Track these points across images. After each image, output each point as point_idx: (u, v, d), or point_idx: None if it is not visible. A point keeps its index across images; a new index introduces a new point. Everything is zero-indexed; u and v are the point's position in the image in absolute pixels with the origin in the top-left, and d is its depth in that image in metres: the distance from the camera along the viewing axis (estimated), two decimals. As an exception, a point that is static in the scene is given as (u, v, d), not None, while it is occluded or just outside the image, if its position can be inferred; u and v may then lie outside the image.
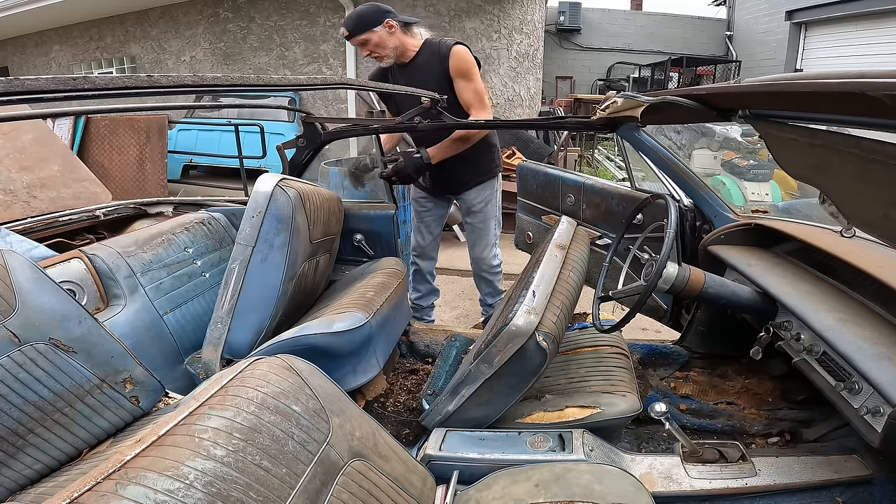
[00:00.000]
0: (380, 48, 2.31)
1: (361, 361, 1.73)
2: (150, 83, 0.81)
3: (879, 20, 8.44)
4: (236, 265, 1.68)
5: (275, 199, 1.68)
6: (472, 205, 2.64)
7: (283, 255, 1.68)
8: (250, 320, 1.69)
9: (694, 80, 11.49)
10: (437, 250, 2.89)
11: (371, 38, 2.28)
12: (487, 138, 2.54)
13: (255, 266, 1.67)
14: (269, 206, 1.67)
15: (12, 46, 9.98)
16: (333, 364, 1.62)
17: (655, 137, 2.04)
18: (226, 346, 1.66)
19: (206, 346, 1.67)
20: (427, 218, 2.76)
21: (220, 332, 1.66)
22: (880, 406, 1.10)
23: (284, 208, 1.68)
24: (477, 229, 2.69)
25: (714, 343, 2.05)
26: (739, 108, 1.48)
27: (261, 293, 1.69)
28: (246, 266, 1.67)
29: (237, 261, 1.68)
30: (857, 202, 1.25)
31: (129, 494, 0.65)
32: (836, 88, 0.89)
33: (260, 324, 1.70)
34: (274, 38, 7.53)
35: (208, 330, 1.69)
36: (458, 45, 2.31)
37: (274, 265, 1.69)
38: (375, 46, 2.30)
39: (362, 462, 0.94)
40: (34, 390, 1.07)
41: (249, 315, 1.68)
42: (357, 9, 2.35)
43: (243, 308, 1.67)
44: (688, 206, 2.02)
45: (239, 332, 1.67)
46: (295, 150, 2.31)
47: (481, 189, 2.62)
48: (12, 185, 3.55)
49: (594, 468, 1.14)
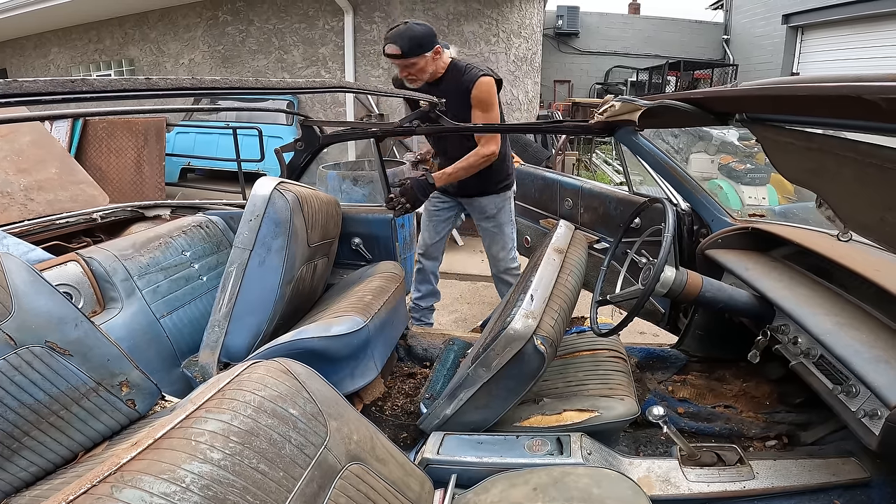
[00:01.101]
0: (421, 73, 2.27)
1: (359, 365, 1.72)
2: (148, 86, 0.81)
3: (876, 24, 8.50)
4: (234, 268, 1.67)
5: (273, 203, 1.67)
6: (485, 210, 2.62)
7: (280, 258, 1.68)
8: (248, 324, 1.68)
9: (691, 83, 11.55)
10: (443, 252, 2.88)
11: (419, 62, 2.23)
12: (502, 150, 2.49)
13: (252, 269, 1.67)
14: (267, 210, 1.67)
15: (11, 48, 9.97)
16: (331, 368, 1.61)
17: (653, 141, 2.04)
18: (223, 349, 1.65)
19: (203, 349, 1.67)
20: (436, 217, 2.74)
21: (218, 336, 1.65)
22: (877, 409, 1.10)
23: (282, 212, 1.68)
24: (492, 233, 2.68)
25: (712, 346, 2.05)
26: (736, 111, 1.49)
27: (258, 297, 1.69)
28: (244, 269, 1.67)
29: (234, 264, 1.67)
30: (853, 206, 1.26)
31: (124, 497, 0.64)
32: (833, 92, 0.89)
33: (257, 327, 1.69)
34: (273, 42, 7.54)
35: (205, 333, 1.68)
36: (485, 76, 2.29)
37: (272, 269, 1.68)
38: (418, 71, 2.26)
39: (360, 466, 0.94)
40: (30, 393, 1.07)
41: (247, 318, 1.68)
42: (411, 28, 2.20)
43: (241, 311, 1.67)
44: (685, 210, 2.03)
45: (236, 335, 1.67)
46: (293, 154, 2.31)
47: (494, 197, 2.60)
48: (9, 188, 3.54)
49: (592, 472, 1.14)
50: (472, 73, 2.30)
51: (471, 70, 2.31)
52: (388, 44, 2.19)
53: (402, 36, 2.17)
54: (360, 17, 7.02)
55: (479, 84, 2.27)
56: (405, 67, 2.25)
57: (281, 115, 6.75)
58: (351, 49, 7.08)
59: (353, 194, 3.63)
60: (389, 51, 2.20)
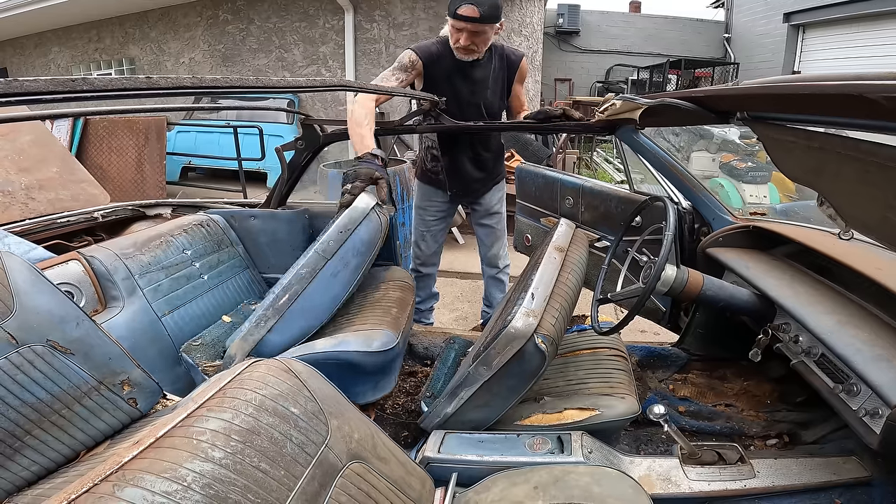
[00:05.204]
0: (483, 44, 2.17)
1: (383, 378, 1.74)
2: (148, 84, 0.81)
3: (877, 22, 8.48)
4: (305, 271, 1.62)
5: (368, 221, 1.66)
6: (491, 207, 2.64)
7: (355, 276, 1.68)
8: (296, 326, 1.65)
9: (692, 82, 11.53)
10: (440, 256, 2.89)
11: (488, 31, 2.13)
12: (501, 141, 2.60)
13: (323, 278, 1.63)
14: (360, 227, 1.64)
15: (11, 47, 9.97)
16: (360, 378, 1.62)
17: (654, 140, 2.04)
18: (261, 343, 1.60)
19: (236, 338, 1.61)
20: (435, 227, 2.71)
21: (261, 330, 1.60)
22: (879, 408, 1.10)
23: (374, 233, 1.67)
24: (496, 230, 2.69)
25: (713, 345, 2.05)
26: (737, 110, 1.49)
27: (318, 305, 1.66)
28: (314, 275, 1.63)
29: (308, 267, 1.62)
30: (855, 204, 1.26)
31: (126, 496, 0.64)
32: (834, 90, 0.89)
33: (302, 332, 1.67)
34: (273, 40, 7.53)
35: (247, 322, 1.62)
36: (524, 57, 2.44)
37: (342, 283, 1.67)
38: (483, 41, 2.16)
39: (361, 464, 0.94)
40: (31, 392, 1.07)
41: (298, 321, 1.64)
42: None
43: (294, 313, 1.63)
44: (686, 209, 2.03)
45: (280, 333, 1.62)
46: (294, 152, 2.31)
47: (497, 190, 2.64)
48: (10, 187, 3.55)
49: (593, 470, 1.14)
50: (515, 53, 2.41)
51: (512, 50, 2.42)
52: (466, 4, 2.02)
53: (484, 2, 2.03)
54: (360, 15, 7.02)
55: (524, 65, 2.42)
56: (474, 34, 2.10)
57: (281, 114, 6.75)
58: (351, 48, 7.08)
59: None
60: (465, 12, 2.03)
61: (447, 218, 2.73)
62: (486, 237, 2.73)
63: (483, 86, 2.29)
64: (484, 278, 2.86)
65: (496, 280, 2.80)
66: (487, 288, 2.88)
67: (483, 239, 2.75)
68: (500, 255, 2.73)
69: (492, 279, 2.82)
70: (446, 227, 2.78)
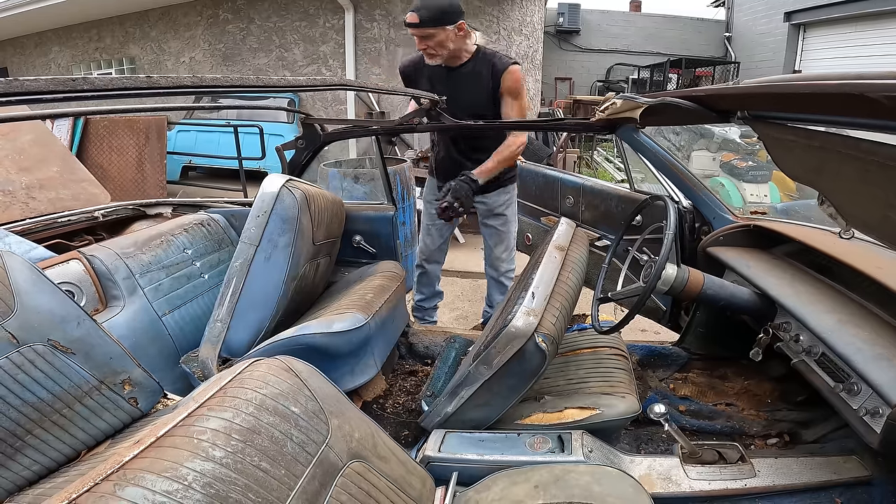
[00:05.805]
0: (440, 47, 2.19)
1: (360, 362, 1.73)
2: (149, 84, 0.81)
3: (878, 21, 8.46)
4: (238, 264, 1.67)
5: (281, 200, 1.68)
6: (495, 207, 2.60)
7: (286, 255, 1.68)
8: (250, 320, 1.68)
9: (693, 81, 11.50)
10: (445, 253, 2.88)
11: (438, 34, 2.15)
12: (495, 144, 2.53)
13: (258, 265, 1.67)
14: (275, 207, 1.67)
15: (12, 47, 9.97)
16: (331, 364, 1.61)
17: (654, 139, 2.04)
18: (224, 344, 1.65)
19: (204, 343, 1.67)
20: (439, 221, 2.73)
21: (220, 331, 1.65)
22: (879, 407, 1.10)
23: (290, 209, 1.68)
24: (500, 232, 2.65)
25: (713, 344, 2.05)
26: (738, 109, 1.48)
27: (262, 292, 1.69)
28: (248, 265, 1.67)
29: (240, 259, 1.68)
30: (855, 204, 1.26)
31: (127, 495, 0.64)
32: (835, 90, 0.89)
33: (259, 323, 1.69)
34: (273, 40, 7.53)
35: (207, 328, 1.68)
36: (515, 64, 2.30)
37: (277, 265, 1.68)
38: (437, 45, 2.18)
39: (361, 463, 0.94)
40: (33, 391, 1.07)
41: (250, 314, 1.68)
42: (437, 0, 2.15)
43: (244, 307, 1.67)
44: (687, 208, 2.02)
45: (238, 331, 1.67)
46: (294, 152, 2.31)
47: (503, 192, 2.59)
48: (11, 186, 3.55)
49: (593, 469, 1.14)
50: (503, 60, 2.30)
51: (501, 57, 2.32)
52: (410, 11, 2.13)
53: (424, 5, 2.11)
54: (360, 14, 7.01)
55: (512, 72, 2.28)
56: (422, 39, 2.17)
57: (282, 113, 6.75)
58: (352, 47, 7.08)
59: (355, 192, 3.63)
60: (407, 18, 2.13)
61: None
62: (489, 238, 2.72)
63: (464, 91, 2.26)
64: (487, 279, 2.86)
65: (497, 283, 2.79)
66: (489, 289, 2.87)
67: (486, 239, 2.74)
68: (502, 259, 2.70)
69: (493, 281, 2.81)
70: (451, 224, 2.77)
